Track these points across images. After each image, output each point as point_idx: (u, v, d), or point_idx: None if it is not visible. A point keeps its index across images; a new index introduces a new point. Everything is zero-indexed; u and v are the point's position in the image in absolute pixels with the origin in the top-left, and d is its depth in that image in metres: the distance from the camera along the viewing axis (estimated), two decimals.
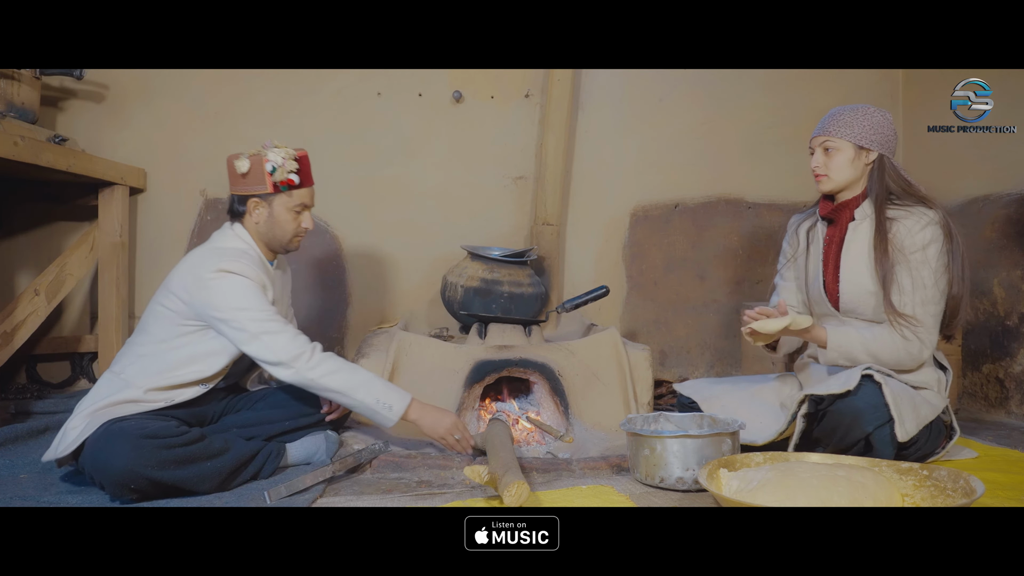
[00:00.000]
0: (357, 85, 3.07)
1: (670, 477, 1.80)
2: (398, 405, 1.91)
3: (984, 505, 1.51)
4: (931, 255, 1.92)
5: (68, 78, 2.81)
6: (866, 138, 1.98)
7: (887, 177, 1.99)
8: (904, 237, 1.94)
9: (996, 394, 2.83)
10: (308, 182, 2.03)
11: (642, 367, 2.45)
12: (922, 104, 3.25)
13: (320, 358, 1.88)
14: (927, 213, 1.95)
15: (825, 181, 2.04)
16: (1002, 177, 2.81)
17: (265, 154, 1.95)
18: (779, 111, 3.33)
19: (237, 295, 1.86)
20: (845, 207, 2.05)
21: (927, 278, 1.91)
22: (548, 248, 3.04)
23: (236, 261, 1.89)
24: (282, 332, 1.86)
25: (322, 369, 1.86)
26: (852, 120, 1.99)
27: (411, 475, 1.97)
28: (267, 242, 2.03)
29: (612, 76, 3.23)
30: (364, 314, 3.09)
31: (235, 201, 2.02)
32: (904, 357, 1.94)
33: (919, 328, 1.92)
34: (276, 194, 1.97)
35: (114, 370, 1.88)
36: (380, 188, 3.10)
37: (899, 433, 1.79)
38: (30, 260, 2.88)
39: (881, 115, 2.01)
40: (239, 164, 1.95)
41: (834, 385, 1.87)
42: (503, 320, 2.50)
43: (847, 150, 1.99)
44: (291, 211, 2.00)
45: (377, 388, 1.91)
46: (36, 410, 2.44)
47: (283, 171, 1.95)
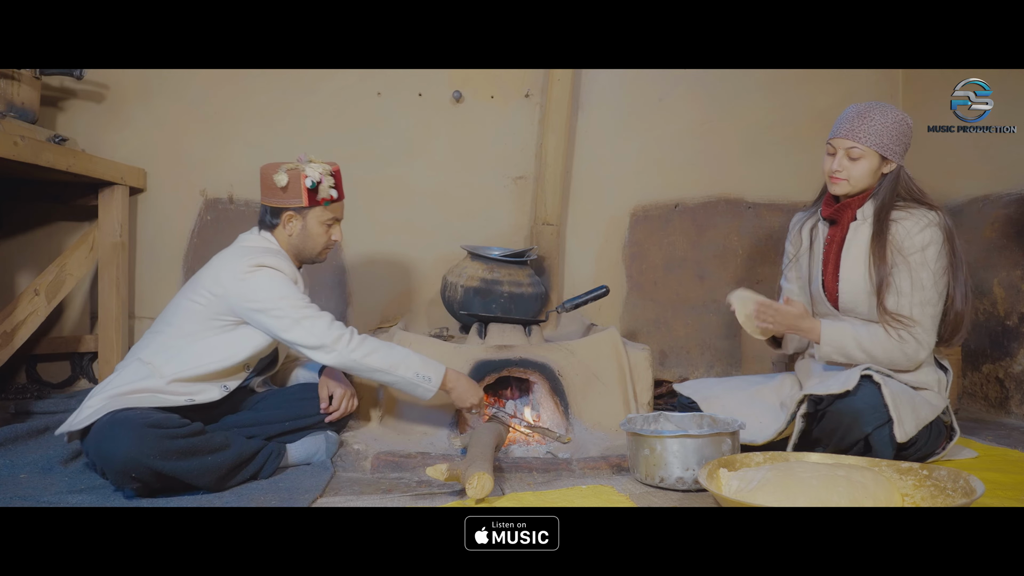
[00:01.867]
0: (357, 85, 3.07)
1: (670, 477, 1.80)
2: (436, 377, 2.01)
3: (984, 505, 1.51)
4: (930, 256, 1.91)
5: (68, 78, 2.81)
6: (891, 149, 1.95)
7: (900, 187, 1.98)
8: (903, 238, 1.93)
9: (996, 394, 2.82)
10: (343, 195, 2.10)
11: (642, 367, 2.45)
12: (922, 104, 3.25)
13: (359, 339, 1.95)
14: (927, 214, 1.94)
15: (843, 185, 2.00)
16: (1002, 177, 2.81)
17: (303, 169, 2.00)
18: (779, 111, 3.33)
19: (275, 286, 1.92)
20: (847, 207, 2.05)
21: (926, 279, 1.91)
22: (548, 248, 3.04)
23: (271, 256, 1.96)
24: (321, 317, 1.93)
25: (364, 349, 1.93)
26: (882, 128, 1.93)
27: (411, 475, 1.98)
28: (297, 253, 2.08)
29: (612, 76, 3.22)
30: (364, 314, 3.09)
31: (268, 212, 2.06)
32: (898, 356, 1.94)
33: (915, 328, 1.92)
34: (311, 207, 2.03)
35: (140, 357, 1.89)
36: (380, 188, 3.10)
37: (898, 434, 1.80)
38: (30, 260, 2.88)
39: (906, 123, 1.97)
40: (278, 178, 1.99)
41: (833, 385, 1.87)
42: (503, 320, 2.50)
43: (872, 159, 1.95)
44: (324, 224, 2.06)
45: (415, 363, 2.00)
46: (36, 410, 2.44)
47: (325, 187, 2.02)
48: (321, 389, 2.11)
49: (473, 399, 2.09)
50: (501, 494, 1.78)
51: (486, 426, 2.09)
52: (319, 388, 2.12)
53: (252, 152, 2.97)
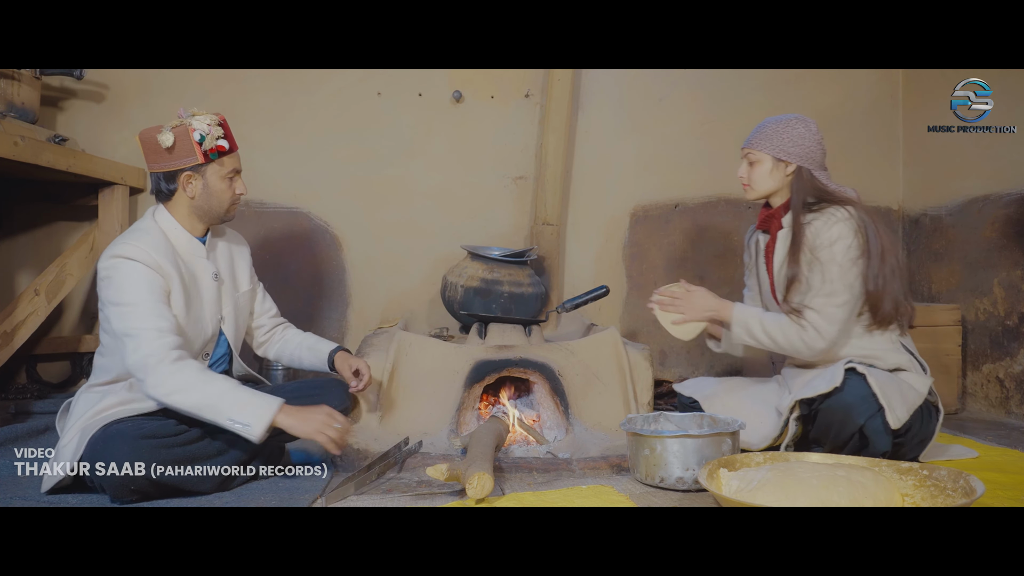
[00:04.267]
0: (357, 85, 3.07)
1: (670, 477, 1.80)
2: (258, 423, 1.68)
3: (984, 505, 1.51)
4: (838, 251, 1.95)
5: (68, 78, 2.81)
6: (784, 151, 2.06)
7: (804, 187, 2.05)
8: (813, 238, 2.00)
9: (996, 394, 2.83)
10: (235, 146, 1.95)
11: (642, 367, 2.45)
12: (922, 104, 3.25)
13: (168, 373, 1.68)
14: (836, 212, 1.99)
15: (748, 190, 2.15)
16: (1002, 177, 2.81)
17: (190, 123, 1.85)
18: (779, 111, 3.29)
19: (115, 285, 1.74)
20: (773, 217, 2.14)
21: (833, 273, 1.95)
22: (548, 248, 3.04)
23: (128, 244, 1.77)
24: (141, 335, 1.69)
25: (167, 387, 1.68)
26: (773, 134, 2.08)
27: (411, 475, 1.97)
28: (203, 216, 1.93)
29: (612, 76, 3.23)
30: (364, 314, 3.09)
31: (161, 180, 1.88)
32: (798, 343, 1.99)
33: (815, 317, 1.96)
34: (207, 164, 1.88)
35: (88, 385, 1.84)
36: (380, 188, 3.10)
37: (891, 420, 1.81)
38: (30, 260, 2.88)
39: (804, 127, 2.07)
40: (163, 139, 1.83)
41: (820, 385, 1.90)
42: (503, 320, 2.50)
43: (766, 162, 2.09)
44: (225, 179, 1.92)
45: (228, 408, 1.69)
46: (36, 410, 2.44)
47: (212, 138, 1.86)
48: (343, 369, 2.09)
49: (310, 428, 1.74)
50: (501, 494, 1.78)
51: (486, 426, 2.09)
52: (340, 368, 2.10)
53: (252, 152, 2.95)
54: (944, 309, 2.90)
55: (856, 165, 3.36)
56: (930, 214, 3.21)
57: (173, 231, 1.91)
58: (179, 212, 1.92)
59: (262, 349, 2.25)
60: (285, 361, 2.23)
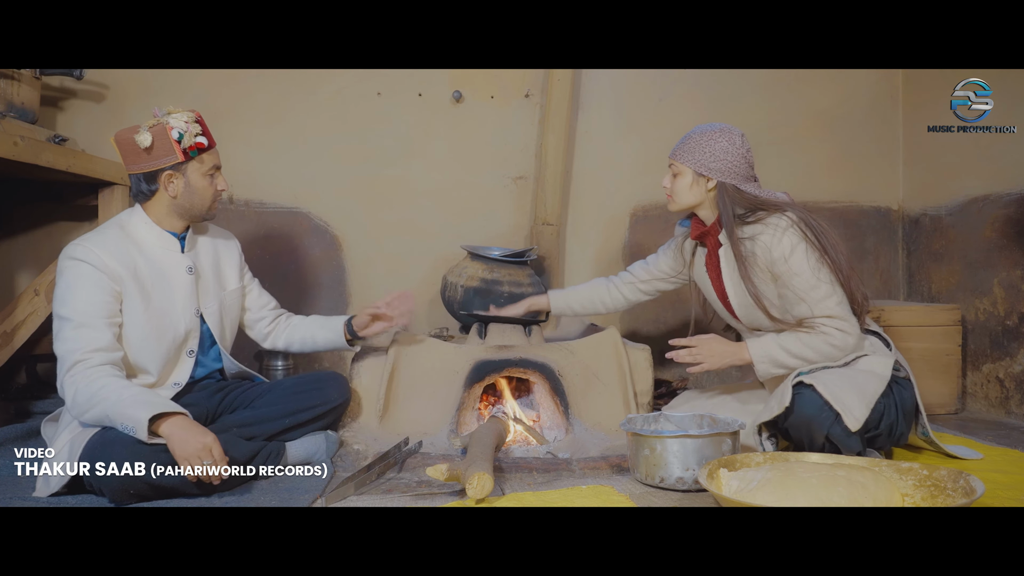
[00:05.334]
0: (357, 85, 3.07)
1: (670, 477, 1.80)
2: (140, 425, 1.61)
3: (984, 505, 1.52)
4: (797, 261, 1.93)
5: (68, 78, 2.81)
6: (704, 166, 2.02)
7: (729, 202, 2.01)
8: (765, 255, 1.96)
9: (996, 394, 2.83)
10: (213, 142, 1.96)
11: (642, 367, 2.45)
12: (922, 104, 3.25)
13: (76, 375, 1.68)
14: (778, 222, 1.96)
15: (670, 202, 2.14)
16: (1002, 177, 2.80)
17: (168, 122, 1.85)
18: (778, 111, 3.33)
19: (58, 289, 1.75)
20: (708, 233, 2.11)
21: (809, 279, 1.93)
22: (548, 248, 3.04)
23: (79, 245, 1.79)
24: (65, 358, 1.70)
25: (72, 389, 1.68)
26: (696, 146, 2.04)
27: (411, 475, 1.97)
28: (183, 213, 1.95)
29: (612, 76, 3.22)
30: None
31: (142, 181, 1.89)
32: (829, 350, 1.94)
33: (826, 320, 1.93)
34: (187, 162, 1.89)
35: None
36: (380, 188, 3.09)
37: (849, 423, 1.80)
38: (30, 260, 2.87)
39: (727, 141, 2.02)
40: (141, 139, 1.83)
41: (774, 407, 1.90)
42: (503, 320, 2.50)
43: (687, 175, 2.07)
44: (206, 176, 1.93)
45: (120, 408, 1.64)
46: (36, 410, 2.44)
47: (190, 136, 1.87)
48: (363, 319, 2.21)
49: (183, 452, 1.62)
50: (501, 494, 1.78)
51: (486, 426, 2.09)
52: (360, 323, 2.21)
53: (252, 153, 2.97)
54: (944, 309, 2.90)
55: (856, 165, 3.36)
56: (930, 214, 3.21)
57: (142, 228, 1.91)
58: (158, 211, 1.93)
59: (269, 341, 2.25)
60: (296, 347, 2.24)
